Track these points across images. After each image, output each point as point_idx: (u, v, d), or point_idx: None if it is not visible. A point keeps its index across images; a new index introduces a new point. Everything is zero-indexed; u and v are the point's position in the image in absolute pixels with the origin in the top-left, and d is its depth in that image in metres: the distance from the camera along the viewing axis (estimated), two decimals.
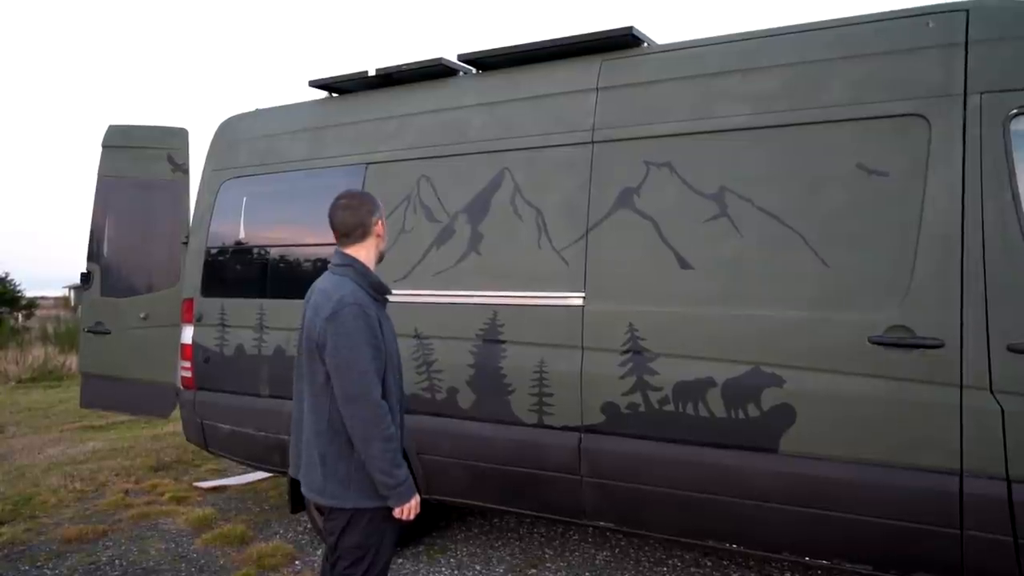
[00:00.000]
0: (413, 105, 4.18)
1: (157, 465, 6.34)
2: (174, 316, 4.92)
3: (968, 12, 2.83)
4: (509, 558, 4.18)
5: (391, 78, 4.29)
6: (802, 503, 2.97)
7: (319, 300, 2.46)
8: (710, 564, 4.04)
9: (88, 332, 5.30)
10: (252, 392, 4.46)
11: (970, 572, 2.74)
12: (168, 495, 5.41)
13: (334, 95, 4.66)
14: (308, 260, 4.46)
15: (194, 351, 4.73)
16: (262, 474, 5.69)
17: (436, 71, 4.15)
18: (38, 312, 27.34)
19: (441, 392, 3.80)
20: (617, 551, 4.25)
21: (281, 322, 4.31)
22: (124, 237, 5.32)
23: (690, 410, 3.16)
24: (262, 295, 4.52)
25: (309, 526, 4.59)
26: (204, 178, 4.97)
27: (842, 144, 2.98)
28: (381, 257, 2.66)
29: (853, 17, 3.10)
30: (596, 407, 3.38)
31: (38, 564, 4.23)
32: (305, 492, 2.55)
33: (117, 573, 4.10)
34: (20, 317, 24.93)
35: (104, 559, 4.28)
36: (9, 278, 25.31)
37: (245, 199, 4.75)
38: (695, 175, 3.26)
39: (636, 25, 3.52)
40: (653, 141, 3.38)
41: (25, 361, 13.75)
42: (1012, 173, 2.70)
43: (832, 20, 3.13)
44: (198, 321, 4.73)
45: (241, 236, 4.77)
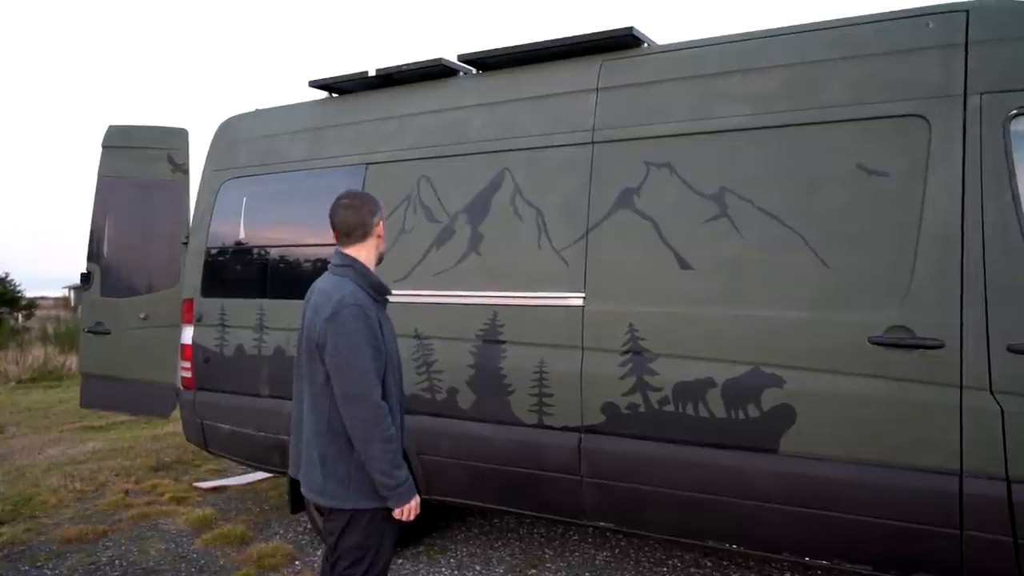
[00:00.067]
0: (413, 105, 4.18)
1: (157, 465, 6.34)
2: (174, 316, 4.92)
3: (968, 13, 2.84)
4: (509, 558, 4.18)
5: (391, 78, 4.29)
6: (802, 503, 2.97)
7: (319, 300, 2.46)
8: (710, 564, 4.04)
9: (88, 332, 5.31)
10: (252, 392, 4.46)
11: (970, 572, 2.75)
12: (168, 495, 5.41)
13: (334, 95, 4.66)
14: (308, 260, 4.46)
15: (194, 351, 4.73)
16: (262, 474, 5.69)
17: (436, 71, 4.16)
18: (38, 312, 27.34)
19: (441, 392, 3.80)
20: (617, 551, 4.25)
21: (281, 322, 4.32)
22: (124, 237, 5.32)
23: (690, 410, 3.16)
24: (262, 295, 4.52)
25: (309, 526, 4.59)
26: (204, 178, 4.97)
27: (842, 144, 2.98)
28: (381, 258, 2.66)
29: (853, 18, 3.10)
30: (596, 407, 3.38)
31: (38, 564, 4.23)
32: (305, 492, 2.55)
33: (117, 573, 4.10)
34: (20, 317, 24.93)
35: (104, 559, 4.28)
36: (9, 278, 25.32)
37: (245, 199, 4.75)
38: (695, 175, 3.26)
39: (636, 25, 3.53)
40: (653, 141, 3.38)
41: (25, 361, 13.75)
42: (1012, 174, 2.70)
43: (832, 20, 3.13)
44: (198, 321, 4.73)
45: (241, 236, 4.77)
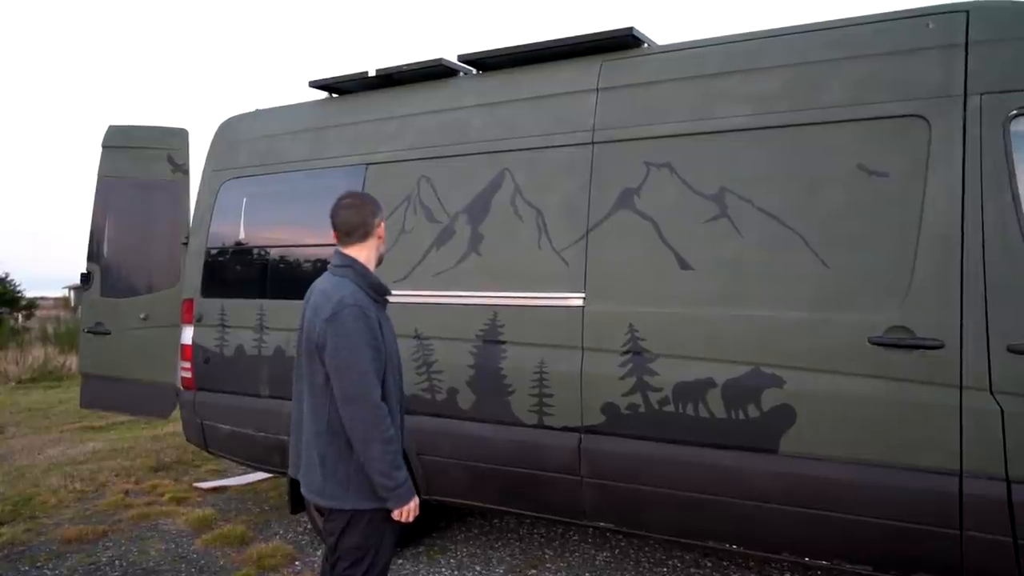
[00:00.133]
0: (413, 106, 4.18)
1: (157, 465, 6.34)
2: (174, 316, 4.92)
3: (968, 13, 2.84)
4: (509, 559, 4.18)
5: (391, 79, 4.29)
6: (802, 504, 2.97)
7: (319, 301, 2.46)
8: (710, 565, 4.04)
9: (88, 332, 5.30)
10: (252, 392, 4.46)
11: (970, 573, 2.75)
12: (168, 495, 5.41)
13: (334, 96, 4.66)
14: (308, 261, 4.46)
15: (194, 351, 4.73)
16: (262, 475, 5.69)
17: (436, 72, 4.15)
18: (38, 312, 27.31)
19: (441, 393, 3.80)
20: (617, 552, 4.25)
21: (281, 323, 4.31)
22: (124, 237, 5.32)
23: (690, 411, 3.16)
24: (262, 295, 4.52)
25: (309, 527, 4.59)
26: (204, 178, 4.97)
27: (842, 145, 2.98)
28: (380, 260, 2.66)
29: (853, 18, 3.10)
30: (596, 408, 3.38)
31: (38, 564, 4.23)
32: (305, 493, 2.55)
33: (117, 574, 4.10)
34: (20, 317, 24.91)
35: (104, 559, 4.28)
36: (9, 278, 25.30)
37: (245, 200, 4.75)
38: (695, 176, 3.26)
39: (636, 26, 3.52)
40: (653, 142, 3.38)
41: (25, 361, 13.74)
42: (1012, 174, 2.70)
43: (832, 21, 3.13)
44: (198, 321, 4.73)
45: (241, 237, 4.77)
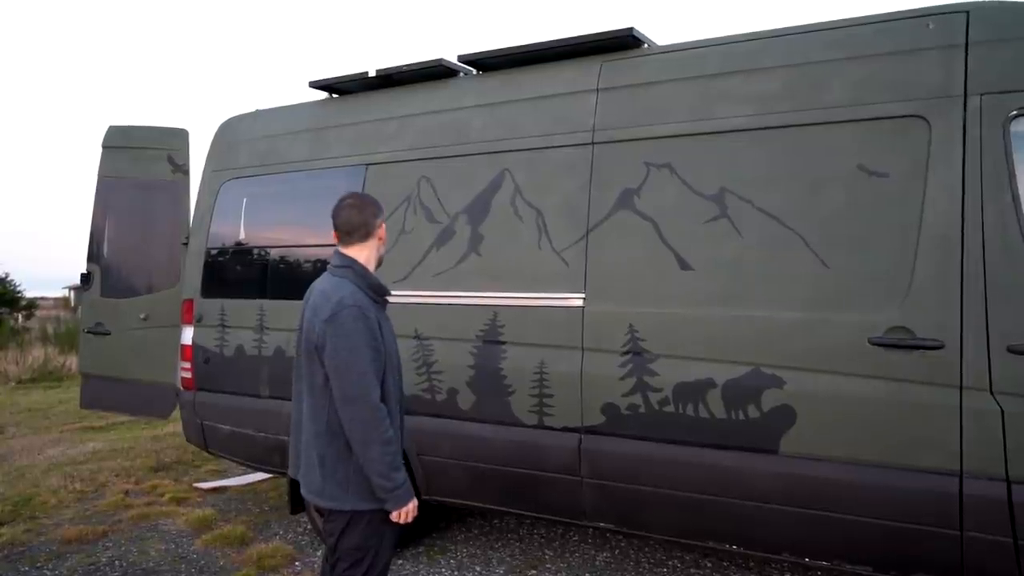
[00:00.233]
0: (413, 106, 4.18)
1: (157, 466, 6.34)
2: (174, 317, 4.92)
3: (968, 13, 2.84)
4: (509, 559, 4.18)
5: (391, 79, 4.29)
6: (802, 504, 2.97)
7: (318, 301, 2.46)
8: (710, 565, 4.04)
9: (88, 333, 5.30)
10: (252, 393, 4.46)
11: (970, 573, 2.74)
12: (168, 496, 5.41)
13: (334, 96, 4.66)
14: (308, 261, 4.46)
15: (194, 352, 4.73)
16: (262, 475, 5.69)
17: (436, 72, 4.15)
18: (38, 313, 27.29)
19: (441, 393, 3.80)
20: (617, 552, 4.25)
21: (281, 323, 4.31)
22: (124, 238, 5.32)
23: (690, 411, 3.16)
24: (262, 296, 4.52)
25: (309, 527, 4.59)
26: (204, 179, 4.97)
27: (842, 145, 2.98)
28: (380, 261, 2.65)
29: (853, 18, 3.10)
30: (596, 408, 3.38)
31: (38, 565, 4.22)
32: (304, 493, 2.54)
33: (117, 574, 4.10)
34: (20, 317, 24.89)
35: (104, 560, 4.28)
36: (9, 278, 25.28)
37: (245, 200, 4.75)
38: (695, 176, 3.26)
39: (636, 26, 3.52)
40: (653, 142, 3.38)
41: (25, 362, 13.74)
42: (1012, 174, 2.70)
43: (832, 21, 3.13)
44: (198, 322, 4.73)
45: (241, 237, 4.77)
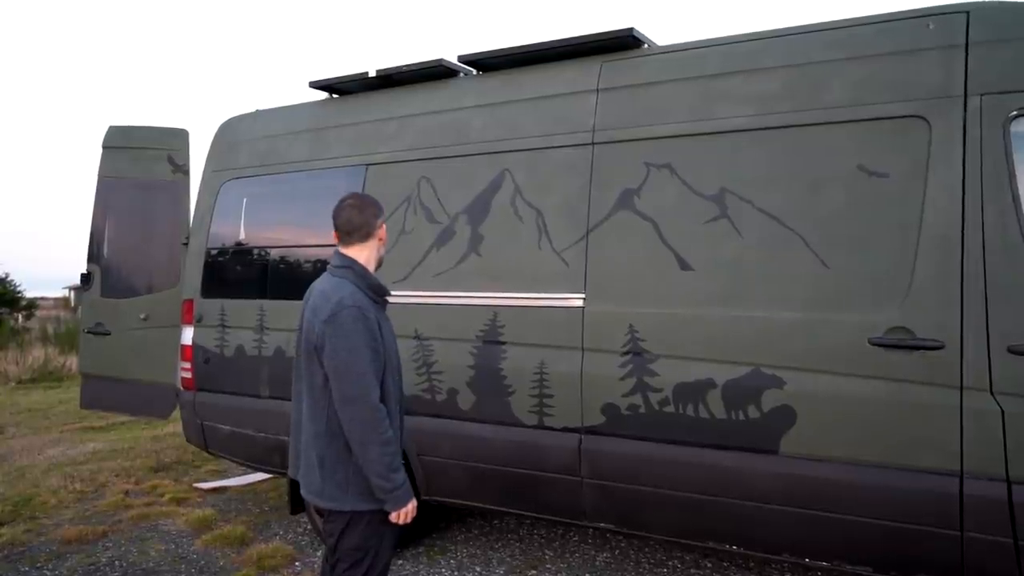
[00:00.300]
0: (414, 106, 4.18)
1: (157, 466, 6.34)
2: (174, 317, 4.92)
3: (968, 14, 2.84)
4: (509, 559, 4.18)
5: (391, 79, 4.29)
6: (802, 504, 2.96)
7: (318, 302, 2.46)
8: (710, 565, 4.03)
9: (88, 333, 5.30)
10: (252, 393, 4.46)
11: (970, 573, 2.74)
12: (168, 496, 5.41)
13: (335, 96, 4.66)
14: (308, 261, 4.46)
15: (194, 352, 4.73)
16: (262, 475, 5.69)
17: (437, 72, 4.15)
18: (38, 313, 27.28)
19: (441, 393, 3.80)
20: (617, 552, 4.25)
21: (281, 323, 4.31)
22: (124, 238, 5.32)
23: (690, 411, 3.16)
24: (262, 296, 4.52)
25: (309, 527, 4.59)
26: (204, 179, 4.97)
27: (842, 145, 2.98)
28: (380, 263, 2.65)
29: (854, 18, 3.10)
30: (596, 408, 3.38)
31: (38, 565, 4.22)
32: (304, 494, 2.54)
33: (117, 574, 4.10)
34: (20, 318, 24.88)
35: (104, 560, 4.28)
36: (9, 278, 25.27)
37: (245, 200, 4.75)
38: (695, 176, 3.26)
39: (636, 26, 3.52)
40: (654, 142, 3.38)
41: (25, 362, 13.74)
42: (1012, 175, 2.70)
43: (833, 21, 3.13)
44: (198, 322, 4.73)
45: (241, 237, 4.77)
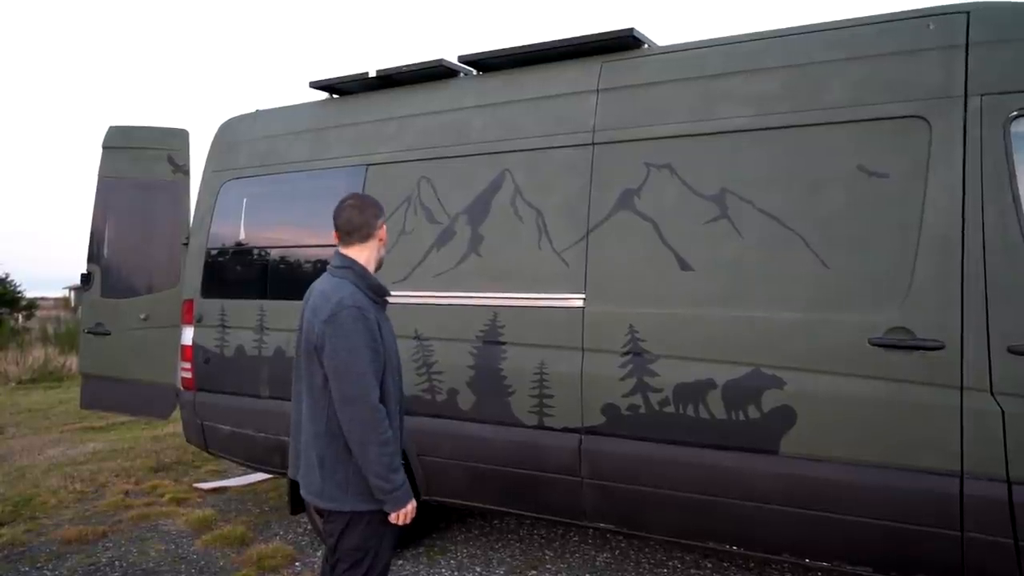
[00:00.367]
0: (414, 106, 4.18)
1: (157, 466, 6.34)
2: (174, 317, 4.92)
3: (969, 14, 2.83)
4: (509, 559, 4.18)
5: (392, 79, 4.29)
6: (802, 505, 2.96)
7: (318, 302, 2.46)
8: (710, 566, 4.03)
9: (88, 333, 5.30)
10: (252, 393, 4.46)
11: (971, 574, 2.74)
12: (168, 496, 5.41)
13: (335, 96, 4.66)
14: (309, 261, 4.46)
15: (194, 352, 4.73)
16: (262, 475, 5.69)
17: (437, 72, 4.15)
18: (38, 313, 27.27)
19: (441, 393, 3.80)
20: (617, 553, 4.25)
21: (282, 323, 4.31)
22: (124, 238, 5.32)
23: (690, 412, 3.16)
24: (262, 296, 4.52)
25: (309, 527, 4.59)
26: (204, 179, 4.97)
27: (843, 145, 2.98)
28: (380, 264, 2.65)
29: (854, 19, 3.10)
30: (596, 408, 3.38)
31: (38, 565, 4.22)
32: (304, 494, 2.54)
33: (117, 574, 4.10)
34: (20, 318, 24.88)
35: (104, 560, 4.28)
36: (9, 279, 25.26)
37: (245, 200, 4.75)
38: (696, 176, 3.25)
39: (637, 27, 3.52)
40: (654, 143, 3.38)
41: (25, 362, 13.74)
42: (1012, 175, 2.70)
43: (833, 22, 3.13)
44: (198, 322, 4.73)
45: (241, 237, 4.77)
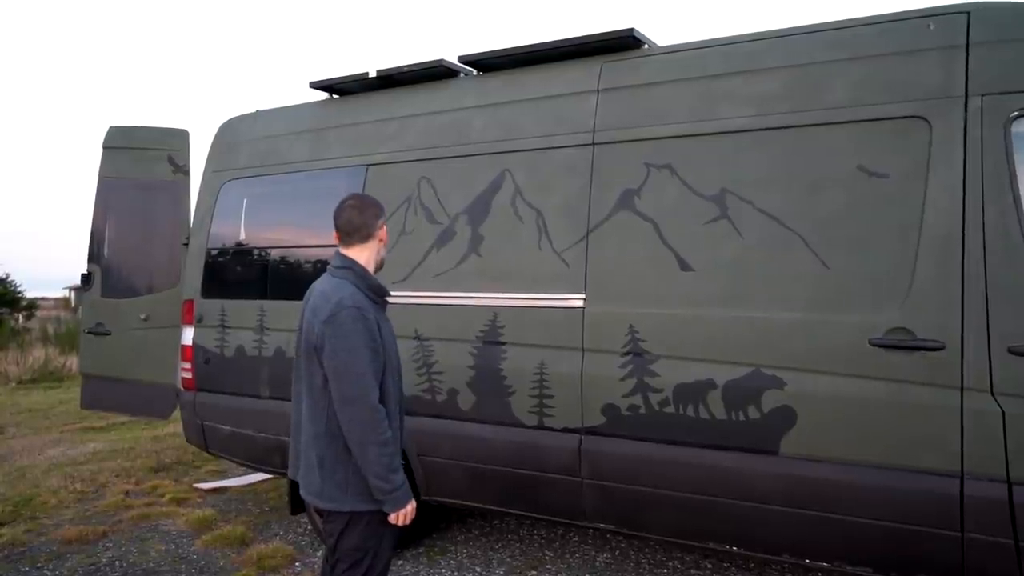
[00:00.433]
0: (414, 106, 4.18)
1: (157, 466, 6.34)
2: (174, 317, 4.92)
3: (969, 14, 2.83)
4: (509, 560, 4.18)
5: (392, 79, 4.29)
6: (802, 505, 2.96)
7: (318, 302, 2.46)
8: (710, 566, 4.03)
9: (88, 333, 5.30)
10: (252, 393, 4.46)
11: (971, 574, 2.74)
12: (168, 496, 5.41)
13: (335, 96, 4.66)
14: (309, 261, 4.46)
15: (194, 352, 4.73)
16: (262, 475, 5.69)
17: (437, 72, 4.15)
18: (38, 313, 27.27)
19: (441, 394, 3.80)
20: (617, 553, 4.25)
21: (282, 323, 4.31)
22: (125, 238, 5.32)
23: (690, 412, 3.16)
24: (263, 296, 4.52)
25: (309, 527, 4.59)
26: (205, 179, 4.97)
27: (843, 146, 2.98)
28: (381, 265, 2.65)
29: (854, 19, 3.10)
30: (596, 409, 3.37)
31: (38, 565, 4.22)
32: (304, 495, 2.54)
33: (117, 574, 4.10)
34: (20, 318, 24.89)
35: (104, 560, 4.28)
36: (10, 279, 25.27)
37: (246, 200, 4.75)
38: (696, 177, 3.25)
39: (637, 27, 3.52)
40: (654, 143, 3.38)
41: (25, 362, 13.75)
42: (1013, 175, 2.69)
43: (833, 22, 3.13)
44: (198, 322, 4.73)
45: (242, 237, 4.77)
